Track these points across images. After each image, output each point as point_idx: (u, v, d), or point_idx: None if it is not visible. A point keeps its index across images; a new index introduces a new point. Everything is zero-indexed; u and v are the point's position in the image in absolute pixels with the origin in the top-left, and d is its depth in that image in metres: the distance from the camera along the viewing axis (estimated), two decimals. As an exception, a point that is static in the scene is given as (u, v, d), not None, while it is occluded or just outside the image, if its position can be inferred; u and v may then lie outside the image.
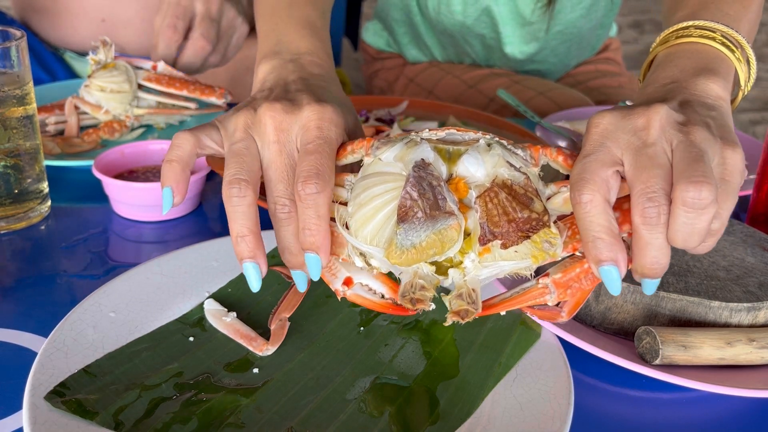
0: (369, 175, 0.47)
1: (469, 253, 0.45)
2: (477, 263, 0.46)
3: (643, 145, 0.46)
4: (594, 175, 0.45)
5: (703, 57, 0.54)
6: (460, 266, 0.46)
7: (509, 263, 0.46)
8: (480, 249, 0.45)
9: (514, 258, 0.45)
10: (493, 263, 0.46)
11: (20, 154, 0.72)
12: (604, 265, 0.44)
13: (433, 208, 0.44)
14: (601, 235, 0.43)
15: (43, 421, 0.45)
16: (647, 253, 0.44)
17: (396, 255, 0.44)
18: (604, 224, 0.44)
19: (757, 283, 0.58)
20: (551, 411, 0.49)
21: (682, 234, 0.43)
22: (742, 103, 2.93)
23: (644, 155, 0.45)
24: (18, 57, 0.69)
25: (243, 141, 0.51)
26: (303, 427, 0.48)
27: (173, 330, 0.57)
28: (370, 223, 0.46)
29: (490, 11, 1.16)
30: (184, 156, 0.51)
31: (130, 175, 0.79)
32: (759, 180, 0.74)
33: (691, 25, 0.57)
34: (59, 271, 0.67)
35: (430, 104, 1.06)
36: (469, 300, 0.45)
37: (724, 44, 0.55)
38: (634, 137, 0.46)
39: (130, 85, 0.91)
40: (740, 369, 0.54)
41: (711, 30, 0.56)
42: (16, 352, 0.56)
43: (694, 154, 0.44)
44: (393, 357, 0.55)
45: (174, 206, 0.50)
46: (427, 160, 0.46)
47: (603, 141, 0.47)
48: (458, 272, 0.46)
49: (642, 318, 0.56)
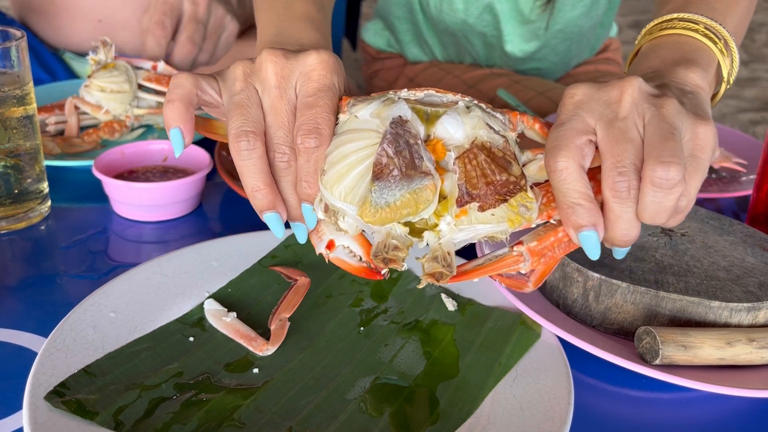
0: (344, 132, 0.47)
1: (444, 215, 0.45)
2: (453, 226, 0.45)
3: (615, 118, 0.46)
4: (569, 142, 0.45)
5: (684, 48, 0.55)
6: (435, 229, 0.45)
7: (485, 227, 0.45)
8: (457, 211, 0.44)
9: (490, 221, 0.44)
10: (469, 226, 0.45)
11: (20, 154, 0.72)
12: (584, 230, 0.44)
13: (409, 167, 0.43)
14: (580, 201, 0.44)
15: (43, 421, 0.45)
16: (618, 226, 0.45)
17: (369, 213, 0.43)
18: (582, 190, 0.44)
19: (757, 283, 0.58)
20: (551, 411, 0.49)
21: (649, 211, 0.44)
22: (742, 103, 2.94)
23: (616, 128, 0.46)
24: (18, 57, 0.69)
25: (244, 91, 0.49)
26: (303, 427, 0.48)
27: (173, 330, 0.57)
28: (344, 180, 0.45)
29: (492, 8, 1.16)
30: (186, 94, 0.49)
31: (130, 175, 0.79)
32: (759, 180, 0.74)
33: (675, 17, 0.57)
34: (59, 271, 0.67)
35: (430, 104, 1.06)
36: (444, 263, 0.45)
37: (707, 36, 0.55)
38: (608, 109, 0.47)
39: (130, 85, 0.91)
40: (740, 369, 0.54)
41: (694, 22, 0.56)
42: (16, 352, 0.56)
43: (665, 130, 0.45)
44: (393, 357, 0.55)
45: (185, 147, 0.48)
46: (405, 118, 0.45)
47: (577, 111, 0.47)
48: (433, 235, 0.45)
49: (642, 318, 0.56)
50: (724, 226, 0.67)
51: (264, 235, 0.67)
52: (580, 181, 0.44)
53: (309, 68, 0.49)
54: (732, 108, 2.87)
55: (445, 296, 0.61)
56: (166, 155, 0.82)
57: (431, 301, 0.61)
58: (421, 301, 0.61)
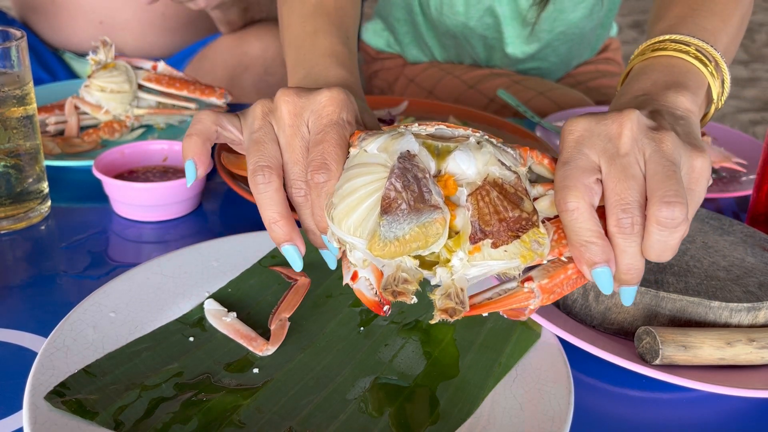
0: (353, 166, 0.47)
1: (457, 251, 0.45)
2: (465, 262, 0.45)
3: (617, 154, 0.47)
4: (577, 182, 0.46)
5: (675, 71, 0.56)
6: (447, 264, 0.46)
7: (498, 263, 0.45)
8: (470, 248, 0.45)
9: (503, 258, 0.45)
10: (482, 263, 0.45)
11: (20, 154, 0.72)
12: (598, 267, 0.45)
13: (417, 201, 0.43)
14: (592, 239, 0.45)
15: (43, 421, 0.45)
16: (623, 260, 0.46)
17: (379, 247, 0.43)
18: (594, 229, 0.45)
19: (757, 283, 0.58)
20: (551, 411, 0.49)
21: (655, 250, 0.46)
22: (742, 103, 2.94)
23: (618, 165, 0.47)
24: (18, 57, 0.69)
25: (261, 129, 0.51)
26: (303, 427, 0.48)
27: (173, 330, 0.57)
28: (353, 214, 0.45)
29: (493, 11, 1.16)
30: (204, 130, 0.52)
31: (130, 175, 0.79)
32: (759, 180, 0.74)
33: (667, 39, 0.58)
34: (59, 271, 0.67)
35: (431, 104, 1.06)
36: (457, 300, 0.45)
37: (698, 58, 0.57)
38: (609, 144, 0.48)
39: (130, 85, 0.91)
40: (740, 369, 0.54)
41: (686, 44, 0.57)
42: (16, 352, 0.56)
43: (667, 168, 0.46)
44: (393, 357, 0.55)
45: (197, 178, 0.51)
46: (413, 152, 0.45)
47: (579, 147, 0.48)
48: (446, 271, 0.46)
49: (642, 318, 0.56)
50: (724, 226, 0.67)
51: (264, 235, 0.67)
52: (591, 220, 0.45)
53: (319, 106, 0.51)
54: (732, 108, 2.87)
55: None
56: (166, 155, 0.82)
57: (431, 301, 0.61)
58: (421, 301, 0.61)
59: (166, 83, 0.93)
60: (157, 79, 0.93)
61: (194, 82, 0.95)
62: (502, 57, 1.24)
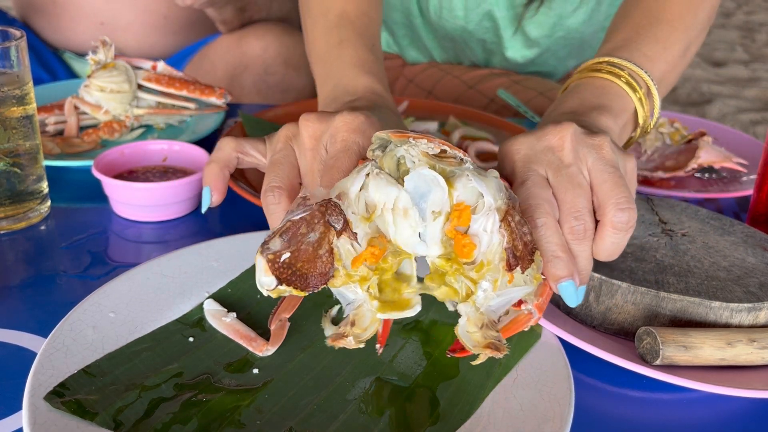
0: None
1: (480, 282, 0.44)
2: (490, 293, 0.45)
3: (561, 164, 0.51)
4: (539, 199, 0.49)
5: (603, 93, 0.60)
6: (471, 299, 0.45)
7: (519, 289, 0.45)
8: (507, 276, 0.44)
9: (523, 283, 0.45)
10: (505, 291, 0.45)
11: (20, 154, 0.72)
12: (563, 281, 0.47)
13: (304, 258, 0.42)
14: (558, 253, 0.47)
15: (42, 421, 0.45)
16: (577, 263, 0.49)
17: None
18: (559, 242, 0.48)
19: (758, 284, 0.58)
20: (551, 411, 0.49)
21: (608, 250, 0.50)
22: (743, 103, 2.93)
23: (565, 175, 0.50)
24: (18, 57, 0.69)
25: (282, 151, 0.53)
26: (303, 427, 0.48)
27: (173, 330, 0.57)
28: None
29: (492, 15, 1.16)
30: (223, 157, 0.54)
31: (129, 175, 0.79)
32: (759, 180, 0.74)
33: (605, 61, 0.63)
34: (59, 271, 0.67)
35: (431, 104, 1.06)
36: (494, 331, 0.44)
37: (628, 83, 0.61)
38: (553, 156, 0.52)
39: (129, 85, 0.91)
40: (741, 369, 0.54)
41: (620, 68, 0.62)
42: (16, 352, 0.56)
43: (614, 176, 0.50)
44: (393, 357, 0.55)
45: (212, 205, 0.54)
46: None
47: (529, 165, 0.52)
48: (470, 306, 0.45)
49: (642, 318, 0.56)
50: (724, 227, 0.67)
51: (264, 235, 0.67)
52: (557, 234, 0.48)
53: (335, 129, 0.52)
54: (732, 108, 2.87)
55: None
56: (165, 155, 0.82)
57: (431, 301, 0.61)
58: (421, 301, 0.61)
59: (165, 83, 0.93)
60: (156, 79, 0.93)
61: (194, 82, 0.95)
62: (501, 61, 1.24)
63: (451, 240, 0.45)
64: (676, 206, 0.70)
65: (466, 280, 0.45)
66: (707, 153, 0.88)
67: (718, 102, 2.90)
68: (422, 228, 0.45)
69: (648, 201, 0.70)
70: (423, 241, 0.45)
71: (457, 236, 0.45)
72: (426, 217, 0.44)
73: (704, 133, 0.91)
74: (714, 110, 2.82)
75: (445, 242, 0.45)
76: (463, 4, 1.15)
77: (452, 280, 0.45)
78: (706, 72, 3.27)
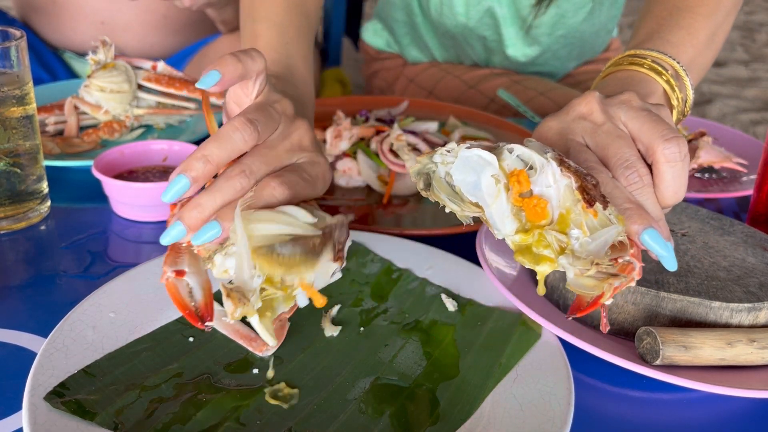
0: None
1: (571, 230, 0.44)
2: (583, 239, 0.44)
3: (596, 126, 0.50)
4: (587, 164, 0.48)
5: (627, 82, 0.59)
6: (569, 248, 0.44)
7: (609, 230, 0.44)
8: (587, 212, 0.43)
9: (610, 222, 0.44)
10: (597, 233, 0.44)
11: (20, 154, 0.72)
12: (643, 231, 0.45)
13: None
14: (625, 205, 0.46)
15: (42, 421, 0.45)
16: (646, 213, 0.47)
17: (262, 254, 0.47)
18: (623, 195, 0.47)
19: (758, 284, 0.58)
20: (551, 411, 0.49)
21: (671, 189, 0.48)
22: (743, 103, 2.93)
23: (602, 134, 0.50)
24: (18, 57, 0.69)
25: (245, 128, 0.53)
26: (303, 427, 0.48)
27: (173, 330, 0.57)
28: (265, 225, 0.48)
29: (493, 12, 1.16)
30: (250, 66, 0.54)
31: (129, 175, 0.79)
32: (759, 180, 0.74)
33: (626, 56, 0.62)
34: (59, 271, 0.67)
35: (431, 104, 1.06)
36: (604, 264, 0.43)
37: (652, 68, 0.60)
38: (585, 122, 0.51)
39: (129, 85, 0.91)
40: (741, 369, 0.54)
41: (642, 57, 0.61)
42: (16, 352, 0.56)
43: (649, 118, 0.49)
44: (393, 357, 0.55)
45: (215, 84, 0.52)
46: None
47: (565, 138, 0.51)
48: (568, 256, 0.44)
49: (642, 318, 0.56)
50: (724, 227, 0.67)
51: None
52: (618, 188, 0.47)
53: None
54: (732, 108, 2.87)
55: (445, 297, 0.61)
56: (166, 155, 0.82)
57: (431, 301, 0.61)
58: (422, 302, 0.61)
59: (165, 83, 0.93)
60: (156, 79, 0.93)
61: (194, 82, 0.95)
62: (502, 60, 1.24)
63: (521, 210, 0.45)
64: (676, 206, 0.70)
65: (554, 238, 0.44)
66: (707, 153, 0.88)
67: (718, 102, 2.90)
68: (489, 213, 0.44)
69: (648, 201, 0.70)
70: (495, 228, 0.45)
71: (525, 202, 0.44)
72: (486, 201, 0.44)
73: (704, 133, 0.91)
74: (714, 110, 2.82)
75: (516, 214, 0.45)
76: (464, 1, 1.16)
77: (541, 249, 0.45)
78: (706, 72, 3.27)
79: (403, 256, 0.66)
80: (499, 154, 0.45)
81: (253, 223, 0.48)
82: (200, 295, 0.50)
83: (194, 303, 0.50)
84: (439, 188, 0.47)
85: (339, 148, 0.86)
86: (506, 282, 0.60)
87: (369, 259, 0.66)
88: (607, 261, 0.44)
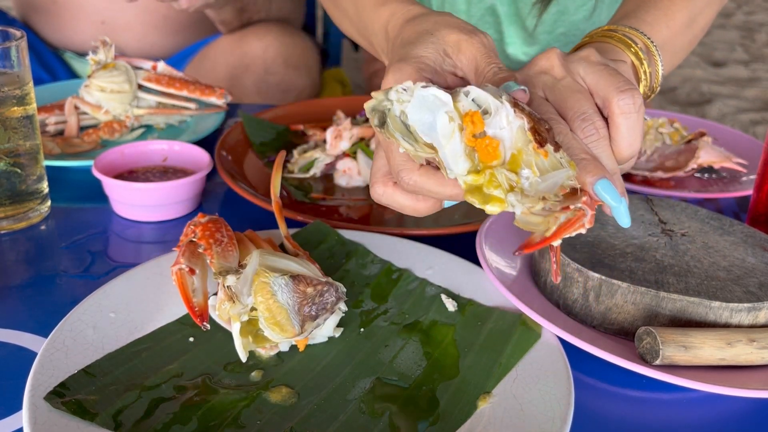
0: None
1: (521, 170, 0.44)
2: (533, 178, 0.44)
3: (555, 80, 0.51)
4: (545, 115, 0.48)
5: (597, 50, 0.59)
6: (519, 186, 0.44)
7: (560, 172, 0.44)
8: (539, 153, 0.43)
9: (561, 166, 0.44)
10: (547, 175, 0.44)
11: (20, 154, 0.72)
12: (597, 182, 0.45)
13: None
14: (581, 156, 0.47)
15: (43, 421, 0.45)
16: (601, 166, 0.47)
17: None
18: (578, 146, 0.47)
19: (758, 284, 0.58)
20: (551, 411, 0.49)
21: (626, 141, 0.48)
22: (743, 103, 2.93)
23: (560, 87, 0.50)
24: (18, 57, 0.69)
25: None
26: (303, 427, 0.48)
27: (173, 330, 0.57)
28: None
29: (495, 10, 1.16)
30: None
31: (130, 175, 0.79)
32: (759, 180, 0.74)
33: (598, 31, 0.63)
34: (59, 271, 0.67)
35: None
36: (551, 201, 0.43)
37: (621, 41, 0.60)
38: (546, 76, 0.52)
39: (130, 85, 0.91)
40: (741, 369, 0.54)
41: (613, 31, 0.61)
42: (16, 352, 0.56)
43: (607, 70, 0.50)
44: (393, 358, 0.55)
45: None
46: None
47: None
48: (517, 193, 0.44)
49: (642, 318, 0.56)
50: (724, 227, 0.67)
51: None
52: (573, 139, 0.48)
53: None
54: (732, 108, 2.87)
55: (445, 297, 0.61)
56: (166, 155, 0.82)
57: (431, 301, 0.61)
58: (421, 302, 0.61)
59: (165, 83, 0.93)
60: (156, 79, 0.93)
61: (194, 82, 0.95)
62: (503, 58, 1.24)
63: (474, 150, 0.45)
64: (675, 206, 0.70)
65: (505, 177, 0.44)
66: (707, 153, 0.88)
67: (718, 102, 2.90)
68: (443, 153, 0.45)
69: (648, 201, 0.70)
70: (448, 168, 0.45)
71: (477, 142, 0.44)
72: (441, 142, 0.45)
73: (704, 133, 0.91)
74: (714, 110, 2.82)
75: (469, 155, 0.45)
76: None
77: (492, 189, 0.45)
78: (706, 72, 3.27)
79: (403, 256, 0.66)
80: (455, 96, 0.45)
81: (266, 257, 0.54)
82: (200, 298, 0.55)
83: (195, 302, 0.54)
84: (393, 127, 0.47)
85: (339, 148, 0.86)
86: (506, 282, 0.60)
87: (369, 260, 0.66)
88: (554, 198, 0.44)
